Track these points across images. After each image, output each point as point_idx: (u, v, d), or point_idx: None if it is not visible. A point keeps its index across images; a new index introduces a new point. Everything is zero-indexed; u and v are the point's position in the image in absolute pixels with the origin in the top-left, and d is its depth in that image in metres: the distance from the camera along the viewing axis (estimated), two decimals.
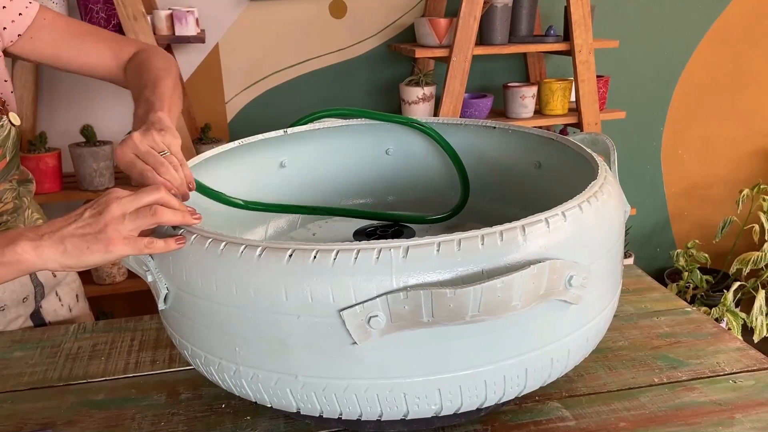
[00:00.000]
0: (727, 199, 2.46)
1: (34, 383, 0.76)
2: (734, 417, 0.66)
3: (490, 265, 0.50)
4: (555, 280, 0.51)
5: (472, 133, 0.89)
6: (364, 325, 0.49)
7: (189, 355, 0.62)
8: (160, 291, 0.59)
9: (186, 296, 0.57)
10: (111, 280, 1.87)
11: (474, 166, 0.90)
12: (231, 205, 0.77)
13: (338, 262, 0.50)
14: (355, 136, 0.92)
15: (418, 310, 0.48)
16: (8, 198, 0.90)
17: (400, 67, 2.11)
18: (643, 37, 2.23)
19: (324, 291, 0.50)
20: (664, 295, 0.91)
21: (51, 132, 1.83)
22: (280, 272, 0.51)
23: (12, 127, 0.86)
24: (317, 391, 0.54)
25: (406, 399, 0.54)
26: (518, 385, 0.56)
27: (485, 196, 0.90)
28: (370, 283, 0.49)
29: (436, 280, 0.49)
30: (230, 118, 2.04)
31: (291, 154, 0.88)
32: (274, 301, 0.51)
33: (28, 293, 0.94)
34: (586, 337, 0.59)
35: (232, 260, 0.53)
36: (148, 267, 0.59)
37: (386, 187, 0.95)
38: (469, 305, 0.48)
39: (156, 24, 1.71)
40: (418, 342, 0.51)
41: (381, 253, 0.49)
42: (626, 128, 2.28)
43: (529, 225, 0.52)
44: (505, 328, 0.53)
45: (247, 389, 0.58)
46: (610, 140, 0.75)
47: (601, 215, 0.58)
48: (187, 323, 0.59)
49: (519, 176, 0.86)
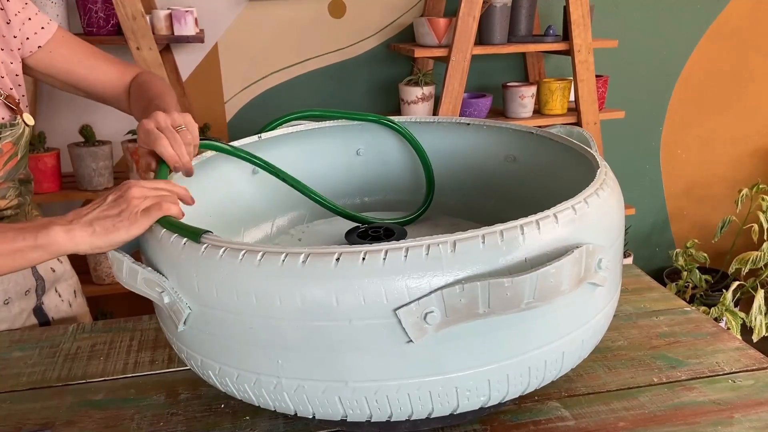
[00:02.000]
0: (726, 199, 2.47)
1: (33, 383, 0.76)
2: (733, 417, 0.66)
3: (532, 253, 0.51)
4: (590, 263, 0.53)
5: (446, 130, 0.91)
6: (420, 322, 0.49)
7: (216, 374, 0.59)
8: (181, 312, 0.56)
9: (216, 314, 0.54)
10: (110, 280, 1.86)
11: (450, 163, 0.91)
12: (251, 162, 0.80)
13: (388, 261, 0.49)
14: (326, 139, 0.91)
15: (474, 302, 0.49)
16: (12, 195, 0.93)
17: (399, 67, 2.11)
18: (642, 36, 2.24)
19: (377, 292, 0.49)
20: (663, 295, 0.91)
21: (50, 132, 1.83)
22: (328, 277, 0.49)
23: (26, 126, 0.91)
24: (368, 395, 0.53)
25: (458, 393, 0.54)
26: (556, 368, 0.58)
27: (460, 192, 0.92)
28: (423, 280, 0.49)
29: (485, 271, 0.50)
30: (229, 117, 2.04)
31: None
32: (323, 307, 0.50)
33: (30, 286, 0.97)
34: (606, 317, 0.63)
35: (273, 270, 0.50)
36: (164, 287, 0.56)
37: (358, 189, 0.95)
38: (525, 293, 0.49)
39: (155, 24, 1.71)
40: (468, 335, 0.52)
41: (430, 249, 0.50)
42: (625, 128, 2.29)
43: (559, 212, 0.54)
44: (546, 314, 0.54)
45: (288, 402, 0.56)
46: (586, 131, 0.78)
47: (609, 204, 0.60)
48: (216, 342, 0.56)
49: (492, 170, 0.88)
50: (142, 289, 0.57)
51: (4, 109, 0.88)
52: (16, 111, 0.89)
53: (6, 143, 0.88)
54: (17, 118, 0.89)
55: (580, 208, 0.55)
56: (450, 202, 0.92)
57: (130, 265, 0.57)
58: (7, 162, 0.89)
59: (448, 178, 0.92)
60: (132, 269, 0.57)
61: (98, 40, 1.70)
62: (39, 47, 0.93)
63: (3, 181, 0.91)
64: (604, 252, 0.55)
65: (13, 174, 0.92)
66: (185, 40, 1.75)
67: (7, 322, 0.94)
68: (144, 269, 0.57)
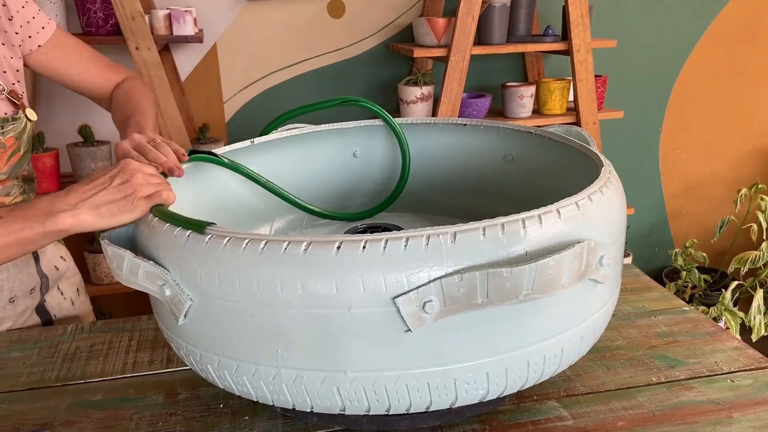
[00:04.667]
0: (725, 199, 2.47)
1: (32, 383, 0.76)
2: (732, 416, 0.66)
3: (533, 247, 0.52)
4: (591, 259, 0.54)
5: (441, 131, 0.91)
6: (419, 312, 0.50)
7: (215, 368, 0.59)
8: (183, 304, 0.56)
9: (217, 303, 0.55)
10: (109, 280, 1.86)
11: (447, 164, 0.91)
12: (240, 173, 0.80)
13: (388, 250, 0.50)
14: (321, 142, 0.91)
15: (473, 292, 0.50)
16: (16, 193, 0.94)
17: (398, 67, 2.11)
18: (641, 36, 2.24)
19: (376, 280, 0.50)
20: (662, 295, 0.91)
21: (49, 132, 1.83)
22: (329, 265, 0.50)
23: (28, 122, 0.92)
24: (366, 386, 0.54)
25: (456, 385, 0.54)
26: (555, 364, 0.58)
27: (458, 192, 0.92)
28: (422, 269, 0.50)
29: (485, 262, 0.50)
30: (228, 117, 2.04)
31: (257, 166, 0.85)
32: (324, 295, 0.51)
33: (35, 284, 0.98)
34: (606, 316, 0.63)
35: (275, 258, 0.51)
36: (165, 280, 0.56)
37: (357, 190, 0.94)
38: (523, 284, 0.50)
39: (154, 24, 1.71)
40: (467, 326, 0.52)
41: (430, 240, 0.50)
42: (624, 128, 2.29)
43: (562, 208, 0.54)
44: (546, 308, 0.54)
45: (287, 394, 0.56)
46: (585, 131, 0.79)
47: (612, 202, 0.60)
48: (216, 333, 0.57)
49: (491, 171, 0.89)
50: (143, 283, 0.58)
51: (7, 103, 0.89)
52: (19, 106, 0.90)
53: (9, 138, 0.89)
54: (20, 113, 0.90)
55: (583, 204, 0.56)
56: (449, 203, 0.92)
57: (131, 260, 0.57)
58: (10, 157, 0.90)
59: (446, 179, 0.92)
60: (133, 264, 0.57)
61: (97, 40, 1.70)
62: (39, 46, 0.94)
63: (7, 178, 0.91)
64: (606, 249, 0.55)
65: (16, 170, 0.92)
66: (184, 40, 1.75)
67: (10, 320, 0.95)
68: (146, 263, 0.57)
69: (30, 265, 0.97)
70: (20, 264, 0.95)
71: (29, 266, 0.96)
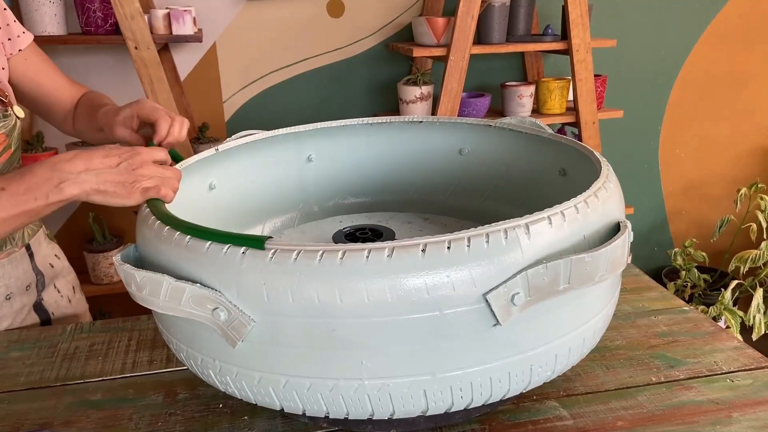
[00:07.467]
0: (724, 198, 2.47)
1: (31, 383, 0.76)
2: (732, 416, 0.66)
3: (588, 231, 0.55)
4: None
5: (398, 129, 0.93)
6: (508, 304, 0.51)
7: (280, 389, 0.55)
8: (244, 326, 0.52)
9: (288, 321, 0.51)
10: (108, 280, 1.86)
11: (403, 162, 0.93)
12: None
13: (473, 247, 0.50)
14: (277, 146, 0.89)
15: (557, 279, 0.51)
16: None
17: (397, 67, 2.11)
18: (640, 36, 2.24)
19: (465, 278, 0.50)
20: (662, 294, 0.91)
21: (48, 132, 1.82)
22: (416, 268, 0.49)
23: (17, 119, 0.93)
24: (453, 384, 0.53)
25: (532, 371, 0.56)
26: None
27: (415, 187, 0.94)
28: (507, 262, 0.51)
29: (555, 251, 0.53)
30: (228, 117, 2.04)
31: (219, 175, 0.83)
32: (413, 300, 0.50)
33: (31, 281, 0.98)
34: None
35: (357, 268, 0.49)
36: (219, 303, 0.52)
37: (312, 195, 0.93)
38: (600, 266, 0.52)
39: (153, 23, 1.71)
40: (540, 313, 0.54)
41: (507, 233, 0.51)
42: (624, 127, 2.29)
43: (599, 191, 0.59)
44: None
45: (369, 404, 0.54)
46: (540, 121, 0.84)
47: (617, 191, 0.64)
48: (284, 353, 0.53)
49: (443, 164, 0.92)
50: (188, 309, 0.53)
51: None
52: (7, 103, 0.91)
53: (0, 134, 0.89)
54: (8, 110, 0.91)
55: (609, 187, 0.60)
56: (429, 199, 0.94)
57: (173, 284, 0.53)
58: (1, 153, 0.90)
59: (406, 179, 0.94)
60: (176, 288, 0.53)
61: (96, 40, 1.70)
62: (20, 50, 0.96)
63: None
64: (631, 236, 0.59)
65: (8, 167, 0.92)
66: (183, 39, 1.75)
67: (9, 318, 0.95)
68: (192, 286, 0.52)
69: (25, 261, 0.97)
70: (15, 261, 0.95)
71: (24, 263, 0.96)
